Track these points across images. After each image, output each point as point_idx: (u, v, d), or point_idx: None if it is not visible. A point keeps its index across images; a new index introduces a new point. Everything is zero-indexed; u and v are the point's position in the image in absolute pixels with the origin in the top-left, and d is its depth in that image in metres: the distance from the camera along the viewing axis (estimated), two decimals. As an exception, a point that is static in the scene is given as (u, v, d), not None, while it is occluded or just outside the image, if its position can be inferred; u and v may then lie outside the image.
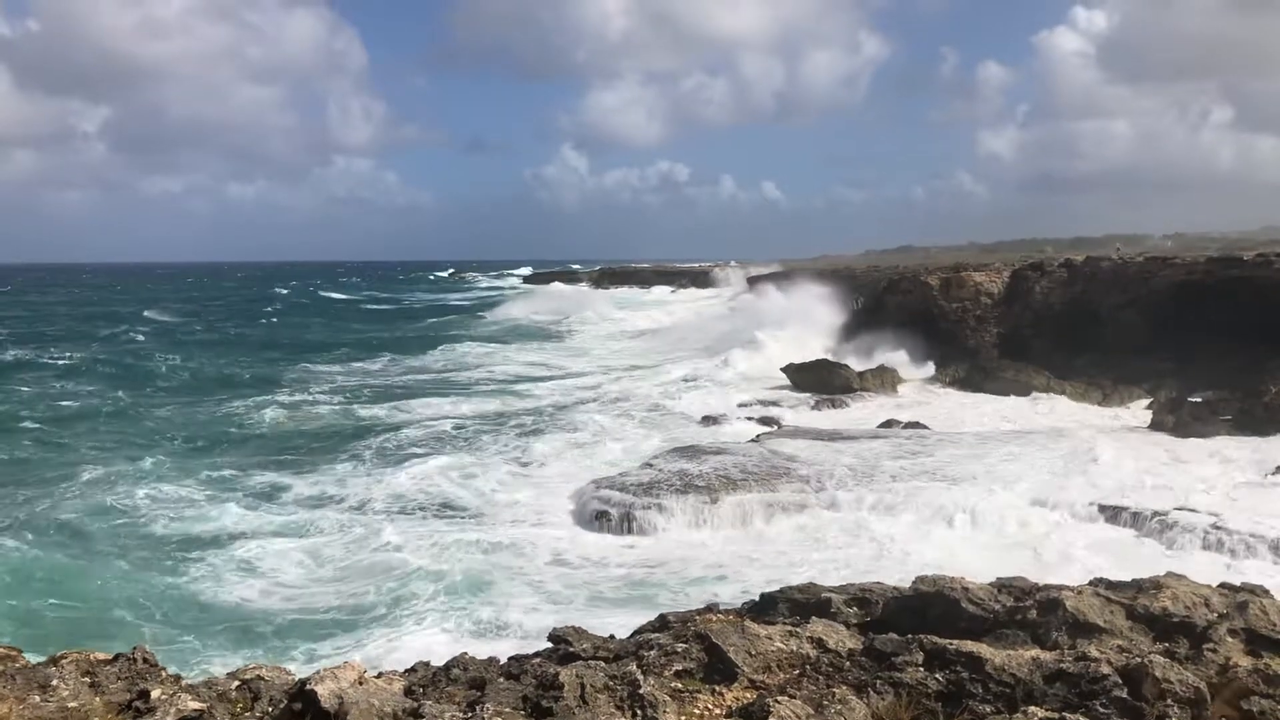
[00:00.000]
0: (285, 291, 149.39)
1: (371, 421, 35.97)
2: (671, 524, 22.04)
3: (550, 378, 48.42)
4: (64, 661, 5.95)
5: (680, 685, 5.71)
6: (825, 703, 5.25)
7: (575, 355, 60.12)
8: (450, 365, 54.93)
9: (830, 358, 43.88)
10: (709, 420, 34.32)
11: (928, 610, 6.75)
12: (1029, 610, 6.50)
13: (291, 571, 19.55)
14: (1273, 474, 23.39)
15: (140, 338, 71.36)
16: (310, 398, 41.33)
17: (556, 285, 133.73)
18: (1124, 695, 5.16)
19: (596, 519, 22.40)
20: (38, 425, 34.81)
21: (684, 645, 6.08)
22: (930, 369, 43.07)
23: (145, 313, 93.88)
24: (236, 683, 5.65)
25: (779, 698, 5.26)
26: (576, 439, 31.79)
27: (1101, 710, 5.08)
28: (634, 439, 31.76)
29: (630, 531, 21.84)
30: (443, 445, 31.33)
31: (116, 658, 6.04)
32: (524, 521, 22.89)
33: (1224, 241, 65.98)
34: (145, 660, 5.94)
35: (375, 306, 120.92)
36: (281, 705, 5.30)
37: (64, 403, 40.56)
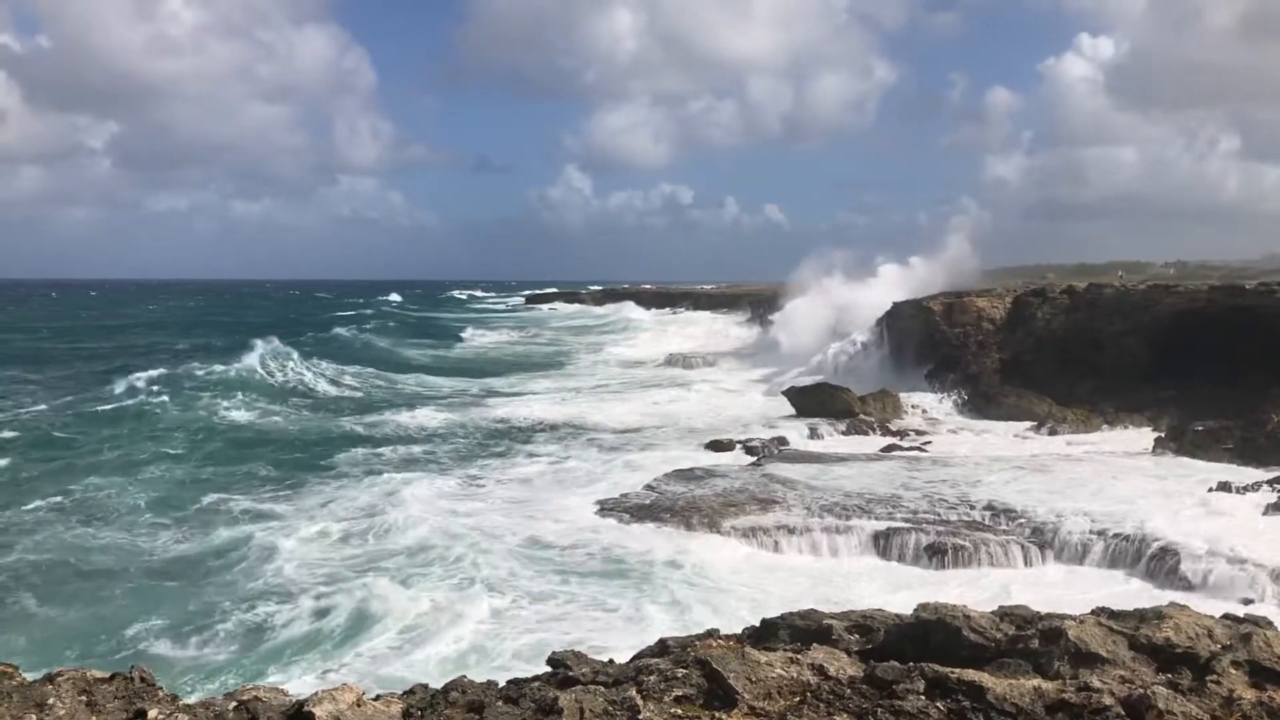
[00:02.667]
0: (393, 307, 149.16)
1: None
2: (672, 546, 21.97)
3: (558, 393, 48.46)
4: (60, 680, 5.92)
5: (680, 711, 5.68)
6: (826, 731, 5.21)
7: (582, 376, 60.16)
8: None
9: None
10: (712, 442, 34.26)
11: (929, 638, 6.71)
12: (1031, 639, 6.46)
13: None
14: (1269, 509, 23.29)
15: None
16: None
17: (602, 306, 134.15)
18: (1126, 727, 5.13)
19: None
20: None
21: (684, 670, 6.05)
22: (932, 394, 43.02)
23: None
24: (234, 703, 5.62)
25: (779, 725, 5.23)
26: (582, 459, 31.91)
27: (1104, 742, 5.04)
28: (637, 460, 31.73)
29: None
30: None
31: (114, 676, 6.01)
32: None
33: (1226, 270, 65.97)
34: (143, 679, 5.90)
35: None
36: (279, 727, 5.27)
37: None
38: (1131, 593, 18.75)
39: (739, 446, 33.50)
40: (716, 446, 33.72)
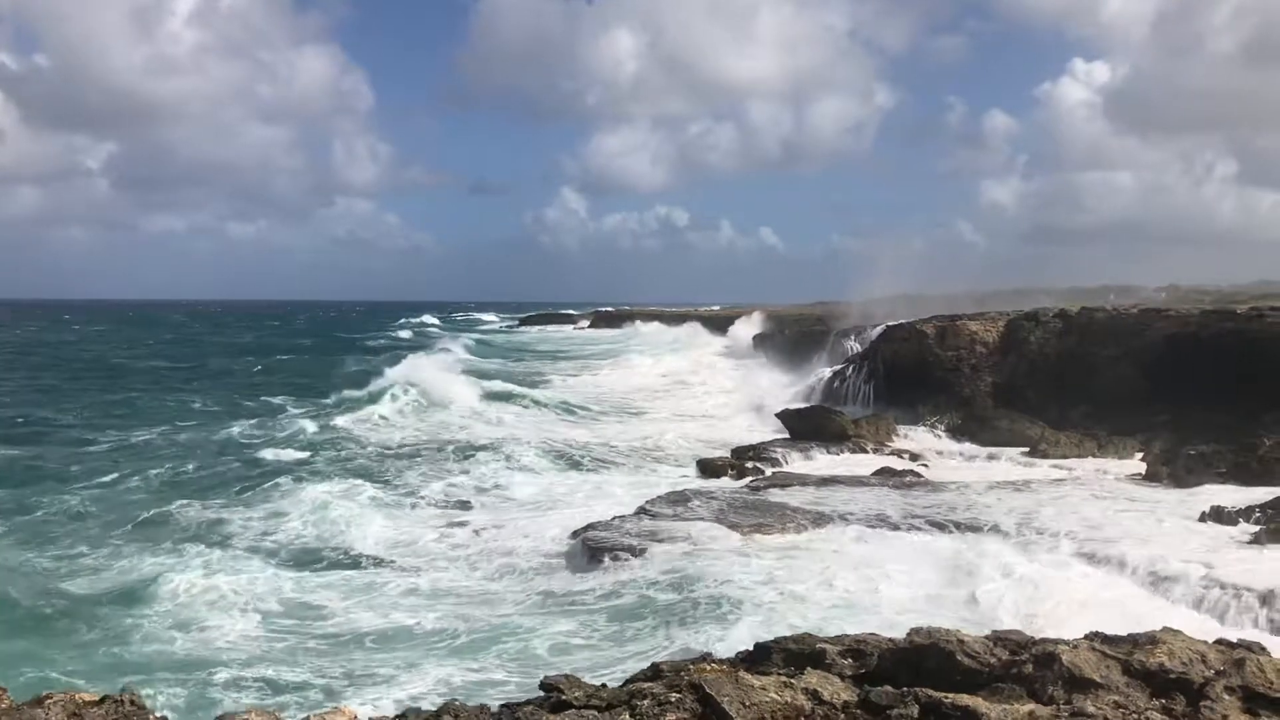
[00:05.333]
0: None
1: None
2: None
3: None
4: (50, 702, 5.89)
5: (673, 736, 5.66)
6: (820, 756, 5.20)
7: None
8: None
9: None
10: (705, 465, 34.22)
11: (923, 662, 6.71)
12: (1025, 664, 6.47)
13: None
14: (1261, 537, 23.31)
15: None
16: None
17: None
18: (1121, 752, 5.12)
19: (590, 563, 22.29)
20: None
21: (677, 695, 6.04)
22: (925, 418, 43.03)
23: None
24: (225, 727, 5.60)
25: (773, 750, 5.21)
26: (567, 480, 31.88)
27: (1098, 767, 5.04)
28: (628, 481, 31.68)
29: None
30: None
31: (104, 699, 5.98)
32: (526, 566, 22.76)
33: (1217, 294, 66.27)
34: (133, 703, 5.88)
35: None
36: (270, 751, 5.25)
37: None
38: (1124, 617, 18.69)
39: (732, 469, 33.46)
40: (709, 469, 33.67)
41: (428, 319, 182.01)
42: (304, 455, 36.28)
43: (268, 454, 36.49)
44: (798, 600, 18.52)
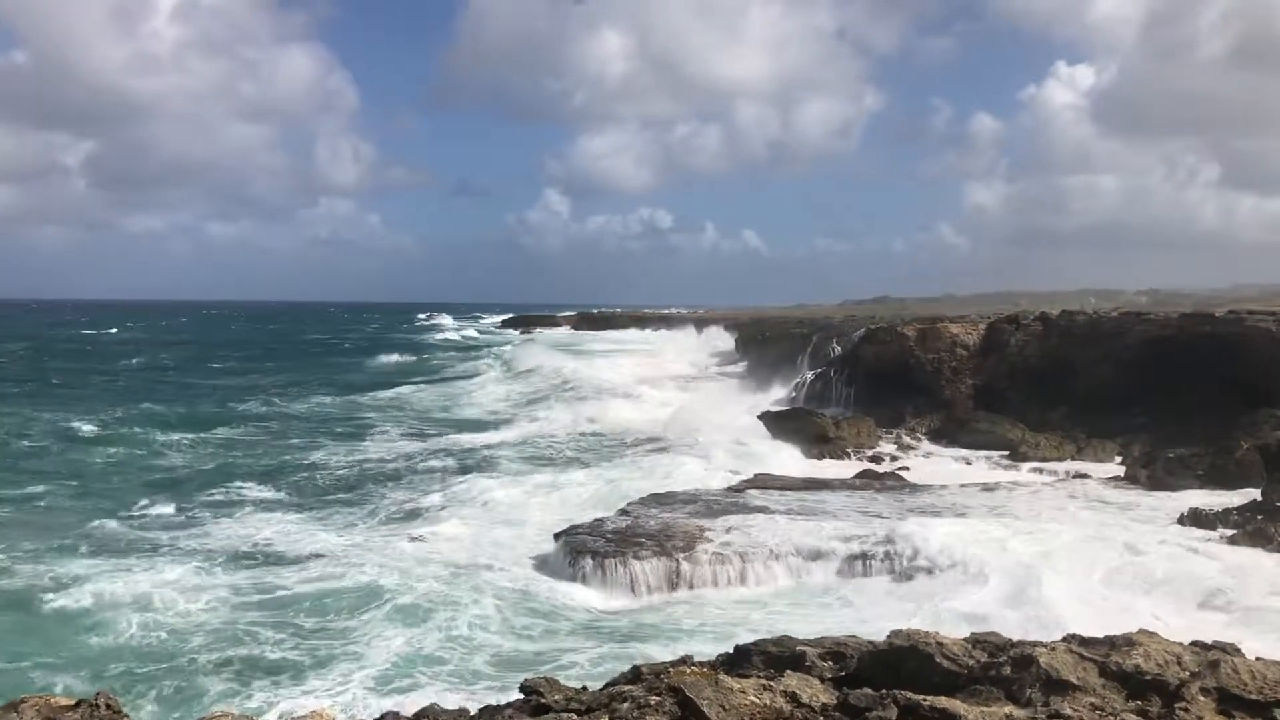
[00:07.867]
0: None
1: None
2: (646, 575, 21.89)
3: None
4: (24, 707, 5.84)
5: (653, 739, 5.65)
6: (798, 758, 5.21)
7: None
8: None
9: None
10: (688, 467, 34.15)
11: (902, 665, 6.73)
12: (1003, 666, 6.49)
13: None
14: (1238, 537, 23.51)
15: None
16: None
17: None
18: (1097, 754, 5.14)
19: (570, 566, 22.25)
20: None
21: (657, 698, 6.04)
22: (906, 419, 43.19)
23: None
24: (202, 731, 5.56)
25: (752, 753, 5.21)
26: (546, 479, 31.90)
27: (1074, 769, 5.06)
28: (611, 483, 31.64)
29: (605, 583, 21.62)
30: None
31: (79, 704, 5.94)
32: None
33: (1196, 298, 66.89)
34: (109, 707, 5.84)
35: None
36: (247, 755, 5.22)
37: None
38: (1103, 620, 18.80)
39: (714, 469, 33.38)
40: (695, 471, 33.56)
41: (452, 321, 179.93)
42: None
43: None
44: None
